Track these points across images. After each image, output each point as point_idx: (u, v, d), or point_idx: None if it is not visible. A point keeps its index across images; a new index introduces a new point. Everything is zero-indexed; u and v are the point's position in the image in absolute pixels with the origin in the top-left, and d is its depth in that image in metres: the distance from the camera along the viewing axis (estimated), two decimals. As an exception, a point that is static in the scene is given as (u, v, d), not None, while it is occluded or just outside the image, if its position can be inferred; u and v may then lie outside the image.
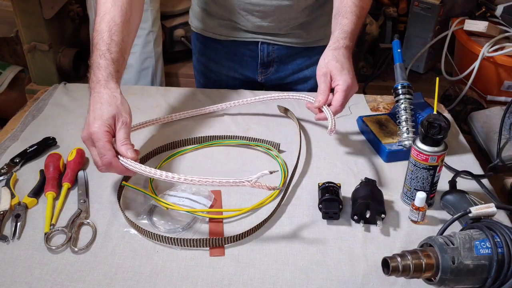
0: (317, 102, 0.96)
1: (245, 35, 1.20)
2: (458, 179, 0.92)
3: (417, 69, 1.98)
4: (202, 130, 1.08)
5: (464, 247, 0.68)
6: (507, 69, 1.54)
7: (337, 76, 0.94)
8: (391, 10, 2.00)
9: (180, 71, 2.09)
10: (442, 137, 0.81)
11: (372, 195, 0.84)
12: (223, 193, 0.91)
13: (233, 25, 1.19)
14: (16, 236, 0.81)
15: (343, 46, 0.97)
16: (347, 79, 0.94)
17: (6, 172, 0.94)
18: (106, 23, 0.89)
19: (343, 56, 0.96)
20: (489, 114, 1.18)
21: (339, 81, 0.94)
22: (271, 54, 1.23)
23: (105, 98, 0.84)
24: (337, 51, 0.96)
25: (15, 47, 2.11)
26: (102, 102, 0.83)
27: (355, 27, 0.99)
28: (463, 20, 1.69)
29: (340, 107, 0.94)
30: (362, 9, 1.01)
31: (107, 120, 0.82)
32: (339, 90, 0.94)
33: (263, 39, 1.20)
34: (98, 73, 0.86)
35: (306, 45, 1.22)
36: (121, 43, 0.89)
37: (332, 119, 0.92)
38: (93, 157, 0.83)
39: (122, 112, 0.84)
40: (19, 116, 1.13)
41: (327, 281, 0.75)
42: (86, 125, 0.83)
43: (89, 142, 0.82)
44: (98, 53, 0.87)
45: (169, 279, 0.74)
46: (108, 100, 0.84)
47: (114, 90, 0.86)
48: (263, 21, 1.15)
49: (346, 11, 1.00)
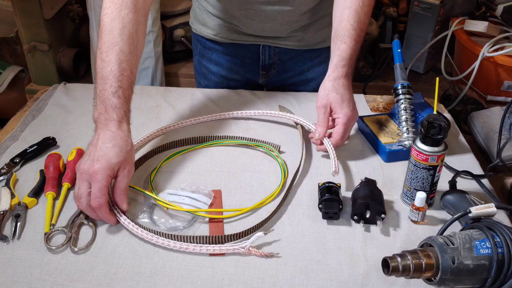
0: (317, 134, 0.97)
1: (246, 38, 1.20)
2: (458, 179, 0.92)
3: (417, 69, 1.98)
4: (202, 130, 1.08)
5: (464, 247, 0.68)
6: (507, 69, 1.54)
7: (337, 109, 0.96)
8: (391, 10, 2.00)
9: (180, 71, 2.09)
10: (442, 137, 0.81)
11: (372, 195, 0.84)
12: (223, 193, 0.91)
13: (234, 28, 1.19)
14: (16, 236, 0.81)
15: (343, 76, 0.97)
16: (347, 112, 0.95)
17: (6, 172, 0.94)
18: (115, 55, 0.86)
19: (343, 87, 0.97)
20: (489, 114, 1.18)
21: (339, 114, 0.95)
22: (273, 56, 1.23)
23: (118, 141, 0.82)
24: (337, 82, 0.97)
25: (15, 47, 2.12)
26: (114, 144, 0.81)
27: (353, 52, 0.99)
28: (463, 20, 1.69)
29: (340, 140, 0.96)
30: (361, 31, 1.00)
31: (113, 164, 0.80)
32: (339, 123, 0.96)
33: (264, 42, 1.20)
34: (112, 112, 0.84)
35: (307, 47, 1.22)
36: (131, 76, 0.88)
37: (335, 160, 0.92)
38: (78, 191, 0.80)
39: (129, 161, 0.84)
40: (19, 116, 1.13)
41: (327, 281, 0.75)
42: (89, 159, 0.80)
43: (84, 177, 0.79)
44: (110, 89, 0.84)
45: (169, 279, 0.74)
46: (120, 144, 0.82)
47: (127, 134, 0.85)
48: (264, 25, 1.15)
49: (344, 35, 0.99)
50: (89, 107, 1.16)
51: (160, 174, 0.96)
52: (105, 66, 0.86)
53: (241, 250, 0.77)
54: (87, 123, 1.10)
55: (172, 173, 0.96)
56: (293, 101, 1.19)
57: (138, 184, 0.93)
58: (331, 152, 0.94)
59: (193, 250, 0.78)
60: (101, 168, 0.79)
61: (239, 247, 0.78)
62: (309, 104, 1.18)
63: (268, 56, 1.23)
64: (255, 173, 0.96)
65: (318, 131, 0.97)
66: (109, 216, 0.81)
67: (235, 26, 1.18)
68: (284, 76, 1.27)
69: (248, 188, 0.93)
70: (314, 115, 1.14)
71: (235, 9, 1.13)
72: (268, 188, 0.92)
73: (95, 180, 0.79)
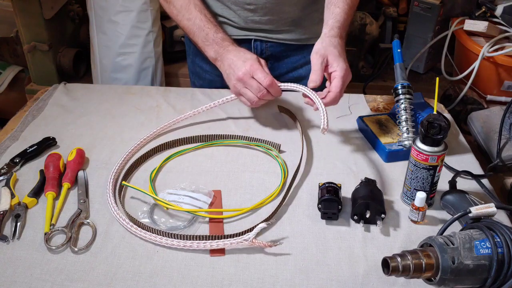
0: (312, 82, 0.97)
1: (237, 33, 1.20)
2: (458, 179, 0.92)
3: (417, 69, 1.98)
4: (202, 130, 1.08)
5: (464, 247, 0.68)
6: (507, 69, 1.54)
7: (334, 62, 0.95)
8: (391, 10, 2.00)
9: (180, 71, 2.09)
10: (442, 137, 0.81)
11: (372, 195, 0.84)
12: (223, 193, 0.91)
13: (225, 22, 1.19)
14: (16, 236, 0.81)
15: (338, 36, 1.00)
16: (344, 66, 0.95)
17: (6, 172, 0.94)
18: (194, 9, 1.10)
19: (339, 45, 0.98)
20: (489, 114, 1.18)
21: (337, 68, 0.95)
22: (265, 51, 1.23)
23: (243, 50, 1.05)
24: (334, 39, 0.99)
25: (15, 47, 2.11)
26: (244, 51, 1.04)
27: (347, 17, 1.03)
28: (463, 20, 1.69)
29: (339, 93, 0.95)
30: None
31: (256, 59, 1.01)
32: (337, 76, 0.95)
33: (256, 36, 1.21)
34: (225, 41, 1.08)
35: (299, 42, 1.23)
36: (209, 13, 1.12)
37: (325, 117, 0.93)
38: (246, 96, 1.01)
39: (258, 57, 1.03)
40: (19, 116, 1.13)
41: (327, 281, 0.75)
42: (236, 69, 1.00)
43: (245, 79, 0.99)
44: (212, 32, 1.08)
45: (169, 279, 0.74)
46: (244, 50, 1.05)
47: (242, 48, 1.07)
48: (255, 15, 1.16)
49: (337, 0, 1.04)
50: (89, 107, 1.16)
51: (160, 174, 0.96)
52: (193, 20, 1.10)
53: (244, 243, 0.77)
54: (87, 123, 1.10)
55: (172, 173, 0.96)
56: (293, 101, 1.19)
57: (138, 184, 0.93)
58: (321, 109, 0.94)
59: (196, 247, 0.78)
60: (253, 60, 1.00)
61: (243, 240, 0.77)
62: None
63: (260, 51, 1.23)
64: (255, 173, 0.96)
65: (312, 78, 0.97)
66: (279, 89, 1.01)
67: (226, 19, 1.19)
68: (277, 73, 1.28)
69: (248, 188, 0.93)
70: (314, 115, 1.14)
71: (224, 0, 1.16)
72: (268, 188, 0.92)
73: (255, 70, 0.99)
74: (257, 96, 1.00)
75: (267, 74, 0.99)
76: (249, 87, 1.00)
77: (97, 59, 1.90)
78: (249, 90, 1.01)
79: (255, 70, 0.99)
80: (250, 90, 1.00)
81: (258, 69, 0.99)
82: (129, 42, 1.84)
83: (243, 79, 1.00)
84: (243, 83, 1.01)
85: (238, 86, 1.01)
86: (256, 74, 0.99)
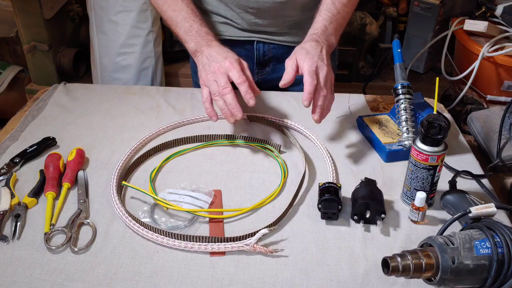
0: (282, 81, 0.97)
1: (240, 34, 1.20)
2: (458, 179, 0.92)
3: (417, 69, 1.98)
4: (202, 130, 1.08)
5: (464, 247, 0.68)
6: (507, 69, 1.54)
7: (300, 61, 0.97)
8: (391, 10, 2.00)
9: (180, 71, 2.09)
10: (442, 137, 0.81)
11: (372, 195, 0.84)
12: (224, 193, 0.91)
13: (228, 23, 1.19)
14: (16, 236, 0.81)
15: (311, 40, 1.01)
16: (309, 61, 0.95)
17: (6, 172, 0.94)
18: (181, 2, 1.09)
19: (311, 46, 0.99)
20: (489, 114, 1.17)
21: (303, 64, 0.96)
22: (267, 53, 1.23)
23: (226, 48, 1.03)
24: (306, 44, 1.00)
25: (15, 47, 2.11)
26: (227, 50, 1.02)
27: (328, 23, 1.04)
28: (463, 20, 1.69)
29: (310, 86, 0.93)
30: (343, 5, 1.06)
31: (237, 60, 0.99)
32: (304, 72, 0.95)
33: (258, 38, 1.21)
34: (209, 35, 1.06)
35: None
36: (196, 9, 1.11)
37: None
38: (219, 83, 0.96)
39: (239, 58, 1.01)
40: (19, 116, 1.13)
41: (327, 281, 0.75)
42: (213, 61, 0.98)
43: (218, 73, 0.96)
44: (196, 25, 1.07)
45: (169, 279, 0.74)
46: (227, 49, 1.03)
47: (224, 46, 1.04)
48: (258, 18, 1.16)
49: (322, 9, 1.06)
50: (89, 107, 1.16)
51: (160, 174, 0.96)
52: (179, 11, 1.08)
53: (245, 248, 0.77)
54: (87, 123, 1.10)
55: (172, 173, 0.96)
56: (293, 101, 1.19)
57: (138, 184, 0.93)
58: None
59: (198, 249, 0.78)
60: (233, 59, 0.98)
61: (244, 244, 0.78)
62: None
63: (262, 53, 1.23)
64: (255, 173, 0.96)
65: (284, 78, 0.97)
66: (250, 92, 0.96)
67: (229, 20, 1.19)
68: (279, 74, 1.26)
69: (248, 188, 0.93)
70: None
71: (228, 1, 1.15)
72: (268, 188, 0.92)
73: (232, 68, 0.96)
74: (220, 92, 0.96)
75: (242, 75, 0.96)
76: (217, 81, 0.97)
77: (97, 59, 1.90)
78: (216, 83, 0.97)
79: (231, 68, 0.96)
80: (217, 83, 0.97)
81: (235, 69, 0.96)
82: (129, 42, 1.84)
83: (216, 73, 0.97)
84: (214, 76, 0.97)
85: (209, 77, 0.98)
86: (232, 72, 0.96)
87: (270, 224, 0.82)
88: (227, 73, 0.96)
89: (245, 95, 0.95)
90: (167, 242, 0.79)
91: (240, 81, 0.95)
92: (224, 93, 0.95)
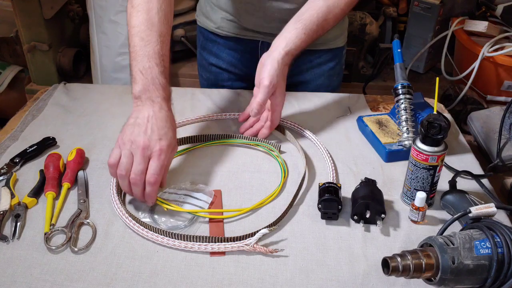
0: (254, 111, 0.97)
1: (246, 33, 1.21)
2: (458, 179, 0.92)
3: (417, 69, 1.98)
4: (202, 130, 1.08)
5: (464, 247, 0.68)
6: (507, 69, 1.54)
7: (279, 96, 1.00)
8: (391, 10, 2.00)
9: (180, 71, 2.09)
10: (442, 137, 0.81)
11: (372, 195, 0.84)
12: (224, 193, 0.91)
13: (235, 22, 1.20)
14: (16, 236, 0.80)
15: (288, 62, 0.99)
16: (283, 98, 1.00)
17: (6, 172, 0.94)
18: (156, 35, 0.88)
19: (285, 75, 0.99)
20: (489, 114, 1.18)
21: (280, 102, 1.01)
22: None
23: (172, 122, 0.86)
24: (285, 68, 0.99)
25: (15, 47, 2.12)
26: (171, 125, 0.86)
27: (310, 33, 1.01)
28: (463, 20, 1.69)
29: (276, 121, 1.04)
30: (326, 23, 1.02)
31: (173, 145, 0.85)
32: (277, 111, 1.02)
33: (263, 39, 1.21)
34: (162, 90, 0.86)
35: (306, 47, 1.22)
36: (168, 55, 0.91)
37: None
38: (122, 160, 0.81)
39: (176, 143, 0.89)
40: (19, 116, 1.13)
41: (327, 281, 0.75)
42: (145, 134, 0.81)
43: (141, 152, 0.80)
44: (158, 68, 0.86)
45: (169, 279, 0.74)
46: (174, 125, 0.87)
47: (173, 115, 0.88)
48: (264, 22, 1.16)
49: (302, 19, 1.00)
50: (89, 107, 1.16)
51: (160, 174, 0.96)
52: (146, 44, 0.88)
53: (245, 248, 0.77)
54: (87, 123, 1.10)
55: (172, 173, 0.96)
56: (293, 101, 1.19)
57: (138, 184, 0.93)
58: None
59: (198, 249, 0.78)
60: (168, 146, 0.83)
61: (244, 244, 0.78)
62: (309, 104, 1.18)
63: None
64: (255, 173, 0.96)
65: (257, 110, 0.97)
66: (155, 194, 0.83)
67: (236, 20, 1.19)
68: None
69: (248, 188, 0.93)
70: (314, 115, 1.14)
71: (236, 2, 1.15)
72: (268, 188, 0.92)
73: (158, 157, 0.81)
74: (127, 174, 0.81)
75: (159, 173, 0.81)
76: (134, 159, 0.81)
77: (97, 59, 1.90)
78: (129, 161, 0.81)
79: (156, 158, 0.81)
80: (133, 163, 0.81)
81: (159, 162, 0.81)
82: (129, 42, 1.83)
83: (138, 149, 0.81)
84: (134, 150, 0.81)
85: (127, 145, 0.82)
86: (154, 161, 0.81)
87: (270, 224, 0.82)
88: (149, 157, 0.82)
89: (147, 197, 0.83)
90: (167, 242, 0.79)
91: (152, 180, 0.81)
92: (134, 182, 0.81)
